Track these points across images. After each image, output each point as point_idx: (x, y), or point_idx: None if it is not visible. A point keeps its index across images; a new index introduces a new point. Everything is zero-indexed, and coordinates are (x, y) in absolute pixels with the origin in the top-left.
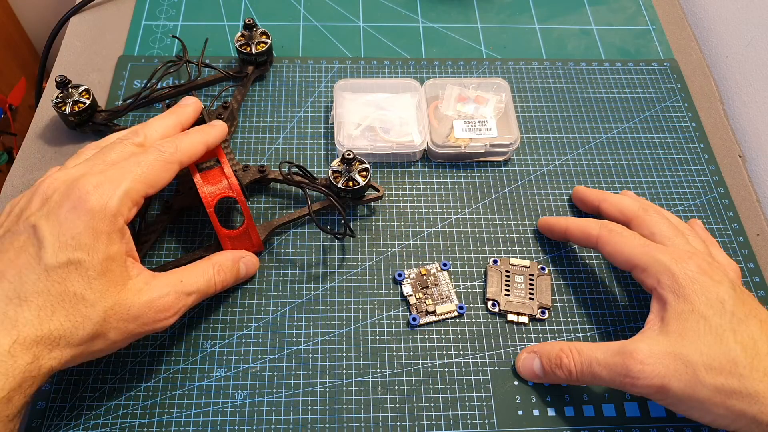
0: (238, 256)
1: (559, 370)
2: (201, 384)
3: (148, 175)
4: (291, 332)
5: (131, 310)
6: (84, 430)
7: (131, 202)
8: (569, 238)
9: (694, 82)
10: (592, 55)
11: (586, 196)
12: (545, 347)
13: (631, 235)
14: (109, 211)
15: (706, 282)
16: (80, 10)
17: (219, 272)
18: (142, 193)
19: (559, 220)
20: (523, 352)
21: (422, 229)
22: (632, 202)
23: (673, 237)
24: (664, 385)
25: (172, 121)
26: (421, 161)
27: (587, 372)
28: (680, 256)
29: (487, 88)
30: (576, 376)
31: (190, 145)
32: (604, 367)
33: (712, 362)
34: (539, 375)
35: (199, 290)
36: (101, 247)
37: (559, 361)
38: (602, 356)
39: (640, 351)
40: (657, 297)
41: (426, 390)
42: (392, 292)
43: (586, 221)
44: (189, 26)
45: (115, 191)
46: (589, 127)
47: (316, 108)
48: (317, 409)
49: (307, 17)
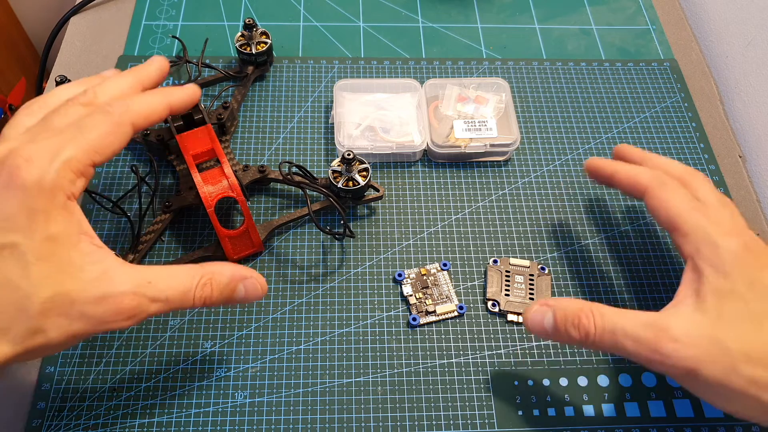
0: (241, 276)
1: (574, 330)
2: (201, 384)
3: (92, 141)
4: (291, 332)
5: (76, 305)
6: (84, 430)
7: (72, 173)
8: (614, 184)
9: (694, 82)
10: (592, 55)
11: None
12: (562, 302)
13: (684, 192)
14: (46, 186)
15: (750, 262)
16: (80, 10)
17: (204, 286)
18: (86, 162)
19: (607, 162)
20: (535, 304)
21: (422, 229)
22: (678, 164)
23: (721, 207)
24: (696, 370)
25: (129, 80)
26: (421, 161)
27: (608, 339)
28: (728, 229)
29: (487, 88)
30: (593, 340)
31: (145, 105)
32: (631, 339)
33: (751, 351)
34: (548, 331)
35: (168, 300)
36: (39, 227)
37: (578, 320)
38: (630, 326)
39: (675, 327)
40: (693, 268)
41: (426, 390)
42: (392, 292)
43: (637, 168)
44: (189, 26)
45: (51, 163)
46: (589, 127)
47: (316, 108)
48: (317, 409)
49: (307, 17)
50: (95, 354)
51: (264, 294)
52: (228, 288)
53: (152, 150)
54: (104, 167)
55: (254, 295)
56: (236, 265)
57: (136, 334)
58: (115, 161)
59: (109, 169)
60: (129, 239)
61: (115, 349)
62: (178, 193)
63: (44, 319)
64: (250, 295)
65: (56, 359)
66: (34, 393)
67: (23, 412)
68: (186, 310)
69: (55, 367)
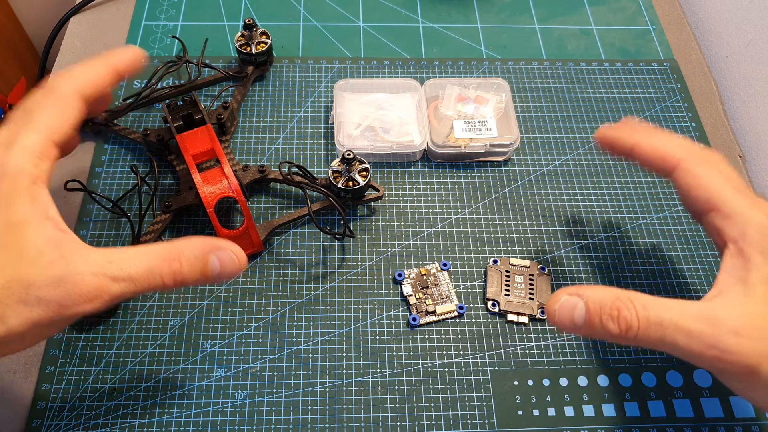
0: (211, 247)
1: (612, 323)
2: (201, 384)
3: (44, 121)
4: (291, 332)
5: (32, 289)
6: (84, 430)
7: (32, 156)
8: (637, 157)
9: (694, 82)
10: (592, 55)
11: None
12: (596, 292)
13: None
14: (8, 172)
15: None
16: (80, 10)
17: (172, 262)
18: (44, 144)
19: (626, 131)
20: (561, 292)
21: (422, 229)
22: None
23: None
24: (756, 367)
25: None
26: (421, 161)
27: (654, 334)
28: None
29: (487, 88)
30: (634, 334)
31: (86, 72)
32: (682, 333)
33: None
34: (578, 325)
35: (132, 278)
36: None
37: (617, 312)
38: (679, 318)
39: (732, 318)
40: (738, 253)
41: (426, 390)
42: (392, 292)
43: (665, 139)
44: (189, 26)
45: (8, 150)
46: (589, 127)
47: (316, 108)
48: (317, 409)
49: (307, 17)
50: (95, 354)
51: (242, 267)
52: (199, 261)
53: (152, 150)
54: (104, 167)
55: (231, 267)
56: (208, 237)
57: (136, 334)
58: (115, 161)
59: (109, 169)
60: (129, 239)
61: (115, 349)
62: (178, 193)
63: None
64: (226, 268)
65: (56, 359)
66: (34, 393)
67: (23, 412)
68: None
69: (55, 367)
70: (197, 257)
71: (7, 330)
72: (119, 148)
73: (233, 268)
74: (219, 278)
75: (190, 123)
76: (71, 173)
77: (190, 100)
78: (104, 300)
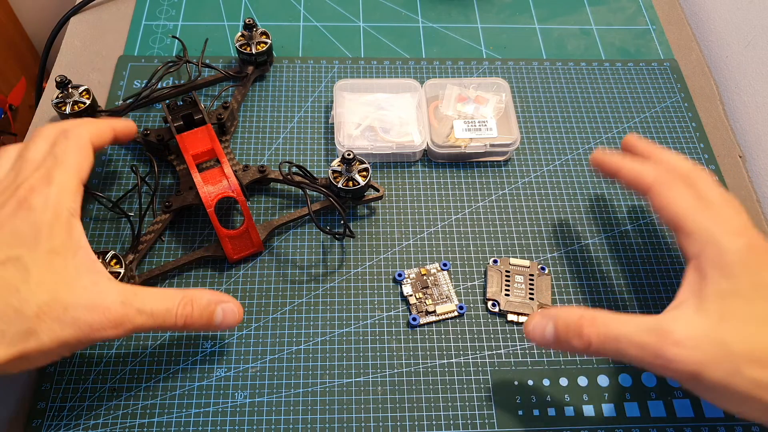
0: (219, 299)
1: (576, 339)
2: (201, 384)
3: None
4: (291, 332)
5: (69, 310)
6: (84, 430)
7: (68, 192)
8: (619, 178)
9: (694, 82)
10: (592, 55)
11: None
12: (562, 312)
13: (688, 193)
14: (50, 205)
15: (755, 263)
16: (80, 10)
17: (185, 305)
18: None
19: (613, 156)
20: (535, 315)
21: (422, 229)
22: (685, 161)
23: (726, 207)
24: (699, 373)
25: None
26: (421, 161)
27: (611, 347)
28: (733, 229)
29: (487, 88)
30: (595, 348)
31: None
32: (634, 345)
33: (753, 353)
34: (549, 341)
35: (153, 313)
36: (43, 241)
37: (579, 329)
38: (632, 332)
39: (677, 331)
40: (696, 268)
41: (426, 390)
42: (392, 292)
43: (642, 166)
44: (189, 26)
45: (49, 187)
46: (589, 127)
47: (316, 108)
48: (317, 409)
49: (307, 17)
50: (95, 354)
51: (240, 320)
52: (207, 310)
53: (152, 150)
54: (104, 168)
55: (231, 319)
56: (215, 291)
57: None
58: (115, 161)
59: (109, 169)
60: (129, 239)
61: (115, 349)
62: (178, 193)
63: (38, 322)
64: (227, 320)
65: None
66: (34, 393)
67: (23, 412)
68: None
69: (55, 367)
70: (206, 306)
71: (39, 345)
72: (119, 148)
73: (233, 320)
74: (220, 327)
75: (190, 123)
76: None
77: (190, 100)
78: (127, 328)
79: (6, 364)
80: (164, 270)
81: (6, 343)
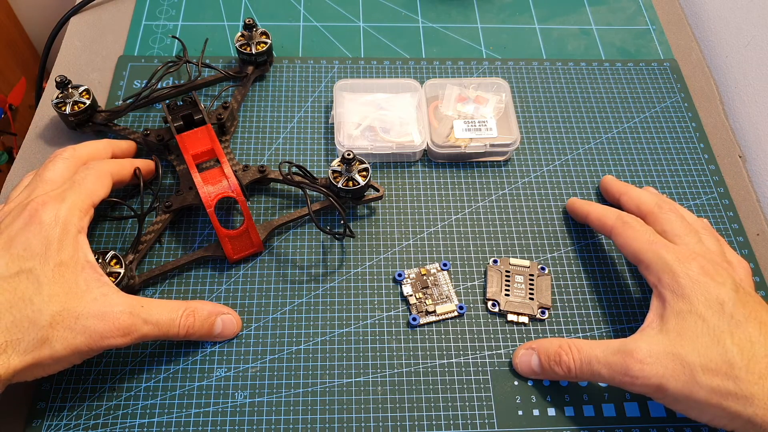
0: (218, 311)
1: (558, 367)
2: (201, 384)
3: (87, 188)
4: (291, 332)
5: (80, 319)
6: (84, 430)
7: (79, 211)
8: (589, 223)
9: (694, 82)
10: (592, 55)
11: (610, 187)
12: (543, 344)
13: (644, 230)
14: (60, 221)
15: (707, 283)
16: (80, 10)
17: (188, 316)
18: (87, 203)
19: (583, 204)
20: (520, 348)
21: (422, 229)
22: (650, 197)
23: (685, 236)
24: (662, 385)
25: (102, 143)
26: (421, 161)
27: (587, 370)
28: (685, 255)
29: (487, 88)
30: (575, 373)
31: (117, 165)
32: (604, 365)
33: (708, 363)
34: (537, 372)
35: (158, 323)
36: (52, 254)
37: (558, 357)
38: (602, 354)
39: (640, 350)
40: (657, 295)
41: (426, 390)
42: (392, 292)
43: (605, 210)
44: (189, 26)
45: (61, 204)
46: (589, 127)
47: (316, 108)
48: (317, 409)
49: (307, 17)
50: None
51: (239, 331)
52: (208, 321)
53: (152, 150)
54: None
55: (230, 330)
56: (215, 303)
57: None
58: None
59: None
60: (129, 239)
61: (114, 349)
62: (178, 193)
63: (52, 331)
64: (227, 331)
65: None
66: (34, 393)
67: (23, 412)
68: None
69: None
70: (207, 317)
71: (52, 353)
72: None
73: (232, 331)
74: (219, 337)
75: (190, 123)
76: None
77: (190, 100)
78: (134, 337)
79: (22, 371)
80: (164, 270)
81: (22, 351)
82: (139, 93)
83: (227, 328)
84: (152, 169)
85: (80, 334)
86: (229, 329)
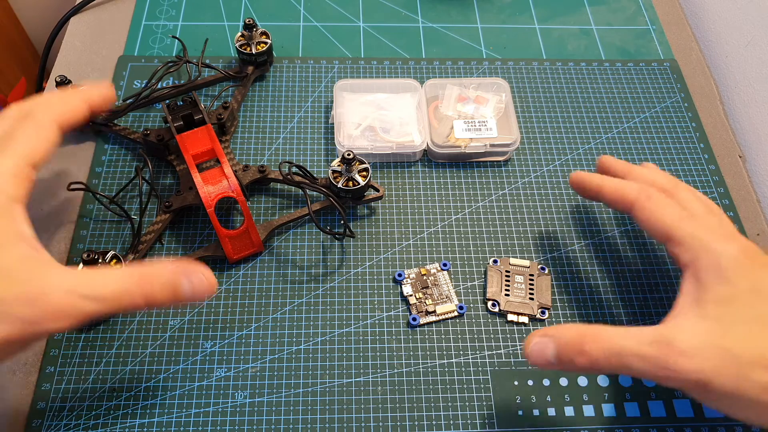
0: (183, 271)
1: (580, 358)
2: (201, 384)
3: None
4: (291, 332)
5: (4, 306)
6: (84, 430)
7: (12, 178)
8: (602, 198)
9: (694, 82)
10: (592, 55)
11: (611, 166)
12: (561, 330)
13: (672, 203)
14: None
15: (750, 266)
16: (80, 10)
17: (143, 283)
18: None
19: (593, 178)
20: (534, 335)
21: (422, 229)
22: (662, 176)
23: (709, 216)
24: (707, 382)
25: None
26: (421, 161)
27: (615, 362)
28: (722, 235)
29: (487, 88)
30: (600, 366)
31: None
32: (638, 358)
33: (760, 357)
34: (552, 363)
35: (104, 297)
36: None
37: (581, 347)
38: (635, 345)
39: (681, 341)
40: (692, 276)
41: (426, 390)
42: (392, 292)
43: (621, 183)
44: (189, 26)
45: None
46: (589, 127)
47: (316, 108)
48: (317, 409)
49: (307, 17)
50: (95, 354)
51: (214, 288)
52: (170, 283)
53: (152, 150)
54: (104, 167)
55: (202, 289)
56: (181, 261)
57: (136, 334)
58: (115, 161)
59: (109, 169)
60: (129, 239)
61: (115, 349)
62: (178, 193)
63: None
64: (198, 290)
65: (56, 359)
66: (34, 393)
67: (23, 412)
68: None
69: (55, 367)
70: (169, 280)
71: None
72: (119, 148)
73: (204, 290)
74: (192, 299)
75: (190, 123)
76: (71, 173)
77: (190, 100)
78: (75, 318)
79: None
80: None
81: None
82: (139, 93)
83: (198, 288)
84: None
85: (5, 322)
86: (200, 288)
